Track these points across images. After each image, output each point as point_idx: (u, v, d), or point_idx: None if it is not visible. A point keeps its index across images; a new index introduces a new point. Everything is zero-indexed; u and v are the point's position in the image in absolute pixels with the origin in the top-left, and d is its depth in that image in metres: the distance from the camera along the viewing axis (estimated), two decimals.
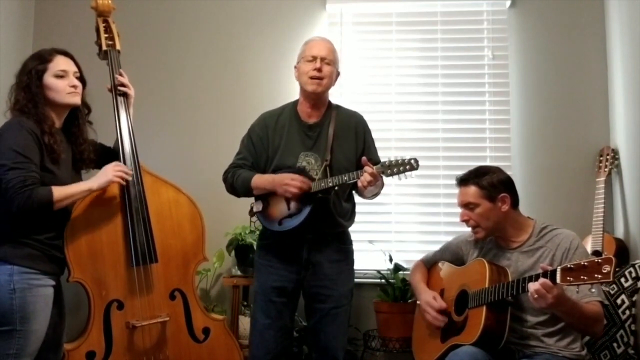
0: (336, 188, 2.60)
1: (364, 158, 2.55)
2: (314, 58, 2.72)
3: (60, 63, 2.47)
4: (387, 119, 3.72)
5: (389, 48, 3.78)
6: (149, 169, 2.75)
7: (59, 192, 2.35)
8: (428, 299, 2.55)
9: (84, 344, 2.53)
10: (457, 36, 3.77)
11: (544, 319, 2.33)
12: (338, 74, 2.84)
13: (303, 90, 2.78)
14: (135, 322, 2.58)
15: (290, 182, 2.58)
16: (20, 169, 2.28)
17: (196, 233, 2.79)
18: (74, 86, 2.47)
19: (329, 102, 2.85)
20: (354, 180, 2.53)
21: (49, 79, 2.43)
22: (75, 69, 2.51)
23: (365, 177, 2.48)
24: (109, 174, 2.50)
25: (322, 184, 2.58)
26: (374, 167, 2.49)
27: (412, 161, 2.45)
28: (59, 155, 2.41)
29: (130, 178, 2.58)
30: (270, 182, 2.65)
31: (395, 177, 2.48)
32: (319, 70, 2.70)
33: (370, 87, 3.79)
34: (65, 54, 2.52)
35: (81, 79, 2.54)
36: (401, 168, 2.46)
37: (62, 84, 2.45)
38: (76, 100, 2.49)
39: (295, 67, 2.83)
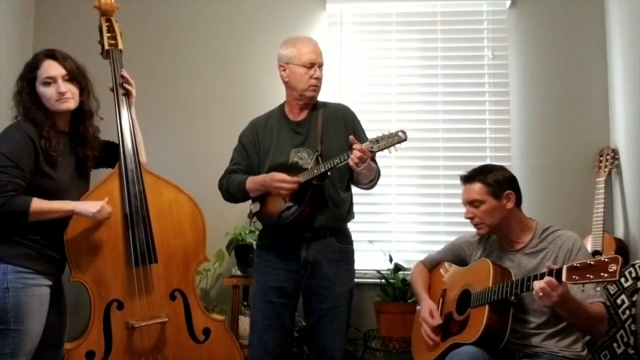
0: (329, 173, 2.58)
1: (351, 137, 2.53)
2: (313, 65, 2.71)
3: (48, 69, 2.40)
4: (387, 119, 3.71)
5: (389, 48, 3.78)
6: (150, 169, 2.74)
7: (38, 204, 2.32)
8: (425, 315, 2.53)
9: (84, 344, 2.53)
10: (457, 36, 3.77)
11: (545, 320, 2.32)
12: None
13: (298, 93, 2.74)
14: (135, 323, 2.58)
15: (279, 184, 2.56)
16: (5, 173, 2.27)
17: (197, 233, 2.77)
18: (61, 93, 2.40)
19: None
20: (345, 162, 2.51)
21: (39, 87, 2.41)
22: (63, 72, 2.42)
23: (355, 154, 2.46)
24: (97, 207, 2.45)
25: (315, 171, 2.57)
26: (363, 144, 2.48)
27: (400, 133, 2.46)
28: (56, 158, 2.39)
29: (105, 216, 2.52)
30: (262, 183, 2.64)
31: (386, 151, 2.49)
32: (319, 79, 2.72)
33: (370, 87, 3.78)
34: (53, 57, 2.43)
35: (75, 80, 2.46)
36: (389, 140, 2.47)
37: (50, 91, 2.40)
38: (67, 106, 2.43)
39: (281, 65, 2.78)
